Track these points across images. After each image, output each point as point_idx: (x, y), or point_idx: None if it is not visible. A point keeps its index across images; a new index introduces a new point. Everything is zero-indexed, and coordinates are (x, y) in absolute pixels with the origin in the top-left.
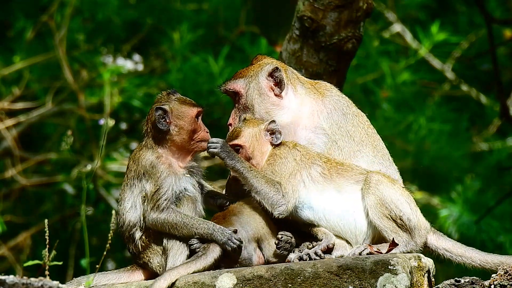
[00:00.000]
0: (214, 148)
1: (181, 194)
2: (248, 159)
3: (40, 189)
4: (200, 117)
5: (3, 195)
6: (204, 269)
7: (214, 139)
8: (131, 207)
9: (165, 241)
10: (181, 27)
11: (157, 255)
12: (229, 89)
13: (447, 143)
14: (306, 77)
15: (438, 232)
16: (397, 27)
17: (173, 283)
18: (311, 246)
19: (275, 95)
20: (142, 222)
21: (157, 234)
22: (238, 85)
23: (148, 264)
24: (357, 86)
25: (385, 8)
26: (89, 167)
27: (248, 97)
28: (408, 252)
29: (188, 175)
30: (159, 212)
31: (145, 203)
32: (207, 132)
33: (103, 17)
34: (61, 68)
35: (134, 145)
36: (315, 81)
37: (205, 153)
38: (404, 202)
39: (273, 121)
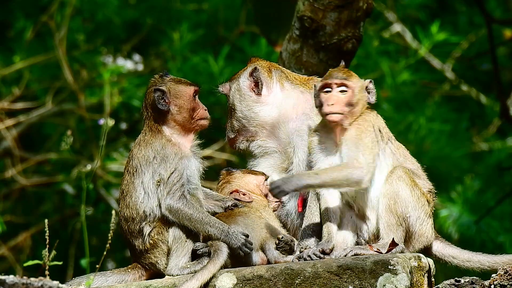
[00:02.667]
0: (275, 188)
1: (188, 180)
2: (349, 104)
3: (40, 189)
4: (197, 96)
5: (3, 195)
6: (217, 271)
7: (272, 183)
8: (144, 196)
9: (170, 241)
10: (181, 27)
11: (165, 256)
12: (221, 91)
13: (447, 143)
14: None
15: (445, 241)
16: (397, 27)
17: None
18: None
19: (257, 94)
20: (155, 212)
21: (165, 230)
22: (225, 87)
23: (156, 265)
24: None
25: (385, 8)
26: (89, 167)
27: (231, 98)
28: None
29: (196, 156)
30: (176, 200)
31: (160, 187)
32: (206, 110)
33: (103, 17)
34: (61, 68)
35: None
36: (308, 77)
37: (205, 153)
38: (416, 208)
39: (371, 81)
